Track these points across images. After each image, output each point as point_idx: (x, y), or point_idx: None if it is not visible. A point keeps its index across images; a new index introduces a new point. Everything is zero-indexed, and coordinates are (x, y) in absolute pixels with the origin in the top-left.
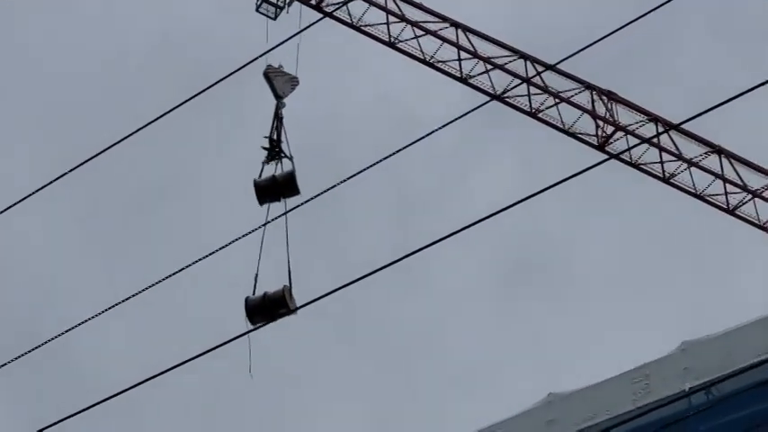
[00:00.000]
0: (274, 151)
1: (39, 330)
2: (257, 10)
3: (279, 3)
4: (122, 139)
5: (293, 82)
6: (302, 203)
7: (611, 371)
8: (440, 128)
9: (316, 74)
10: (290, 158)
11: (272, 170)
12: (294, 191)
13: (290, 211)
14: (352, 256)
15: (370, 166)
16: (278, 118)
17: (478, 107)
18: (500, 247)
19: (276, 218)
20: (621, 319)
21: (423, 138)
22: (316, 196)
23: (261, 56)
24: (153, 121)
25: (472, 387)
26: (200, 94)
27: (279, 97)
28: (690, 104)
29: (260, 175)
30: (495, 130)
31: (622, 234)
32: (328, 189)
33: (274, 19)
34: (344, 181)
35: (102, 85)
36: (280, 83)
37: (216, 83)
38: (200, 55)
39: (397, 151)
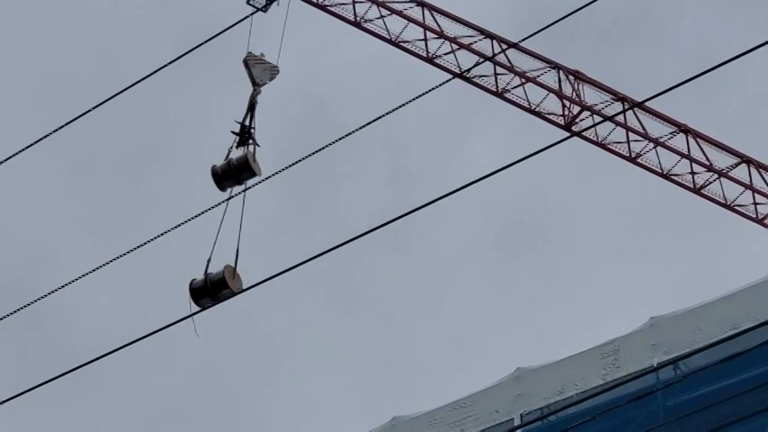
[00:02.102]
0: (244, 137)
1: (30, 288)
2: (248, 2)
3: None
4: (110, 98)
5: (273, 71)
6: (294, 163)
7: (581, 345)
8: (405, 103)
9: (313, 35)
10: (257, 145)
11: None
12: (250, 173)
13: (273, 175)
14: (347, 218)
15: (362, 126)
16: (252, 105)
17: (439, 86)
18: (489, 214)
19: (236, 195)
20: (592, 294)
21: (411, 101)
22: (306, 157)
23: (248, 17)
24: (142, 80)
25: (460, 354)
26: (187, 54)
27: (256, 85)
28: (663, 84)
29: (226, 158)
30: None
31: (600, 211)
32: (317, 151)
33: (265, 11)
34: (336, 141)
35: (95, 45)
36: (258, 70)
37: (201, 44)
38: (196, 18)
39: (389, 113)
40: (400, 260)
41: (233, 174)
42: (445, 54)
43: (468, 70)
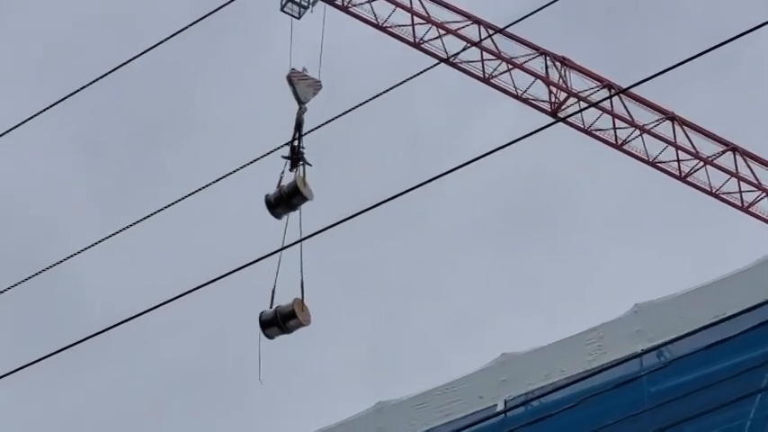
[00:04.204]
0: (294, 158)
1: (39, 259)
2: (282, 9)
3: (303, 2)
4: (124, 64)
5: (316, 86)
6: (308, 131)
7: (566, 331)
8: (390, 88)
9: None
10: (308, 164)
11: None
12: (302, 198)
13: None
14: (354, 193)
15: (369, 99)
16: (299, 124)
17: (425, 71)
18: (491, 192)
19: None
20: (577, 280)
21: (397, 86)
22: (317, 128)
23: None
24: (157, 45)
25: (464, 333)
26: (203, 18)
27: (301, 102)
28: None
29: (279, 184)
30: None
31: (586, 197)
32: (328, 121)
33: (298, 18)
34: (345, 113)
35: (108, 9)
36: (302, 87)
37: (218, 9)
38: None
39: (397, 85)
40: (409, 232)
41: (285, 200)
42: (432, 39)
43: (455, 56)
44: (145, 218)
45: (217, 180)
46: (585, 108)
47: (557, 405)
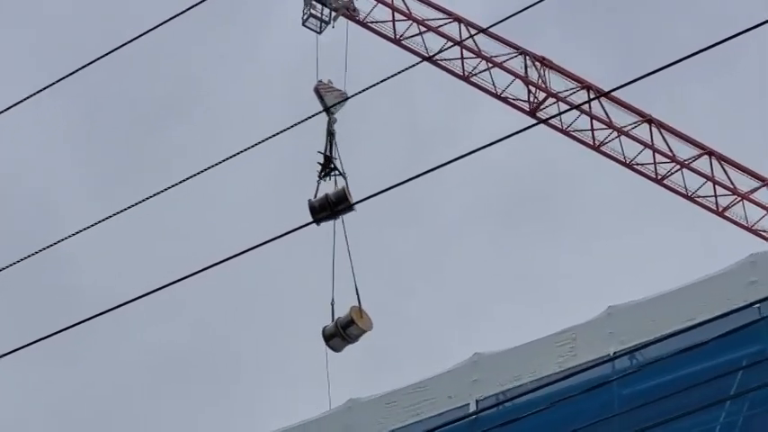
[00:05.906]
0: (328, 168)
1: (35, 243)
2: (303, 24)
3: (324, 18)
4: (125, 44)
5: (343, 97)
6: (304, 120)
7: (539, 332)
8: (372, 85)
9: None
10: (344, 175)
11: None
12: (348, 207)
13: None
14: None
15: (369, 87)
16: (330, 134)
17: (407, 69)
18: (490, 185)
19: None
20: (550, 281)
21: (378, 83)
22: (311, 117)
23: None
24: (159, 25)
25: (463, 323)
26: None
27: (330, 113)
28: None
29: (315, 195)
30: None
31: (561, 199)
32: (318, 113)
33: (319, 33)
34: (346, 100)
35: None
36: (330, 99)
37: None
38: None
39: (379, 83)
40: (410, 223)
41: (330, 207)
42: (412, 36)
43: (435, 54)
44: (138, 203)
45: (213, 165)
46: (567, 110)
47: (528, 406)
